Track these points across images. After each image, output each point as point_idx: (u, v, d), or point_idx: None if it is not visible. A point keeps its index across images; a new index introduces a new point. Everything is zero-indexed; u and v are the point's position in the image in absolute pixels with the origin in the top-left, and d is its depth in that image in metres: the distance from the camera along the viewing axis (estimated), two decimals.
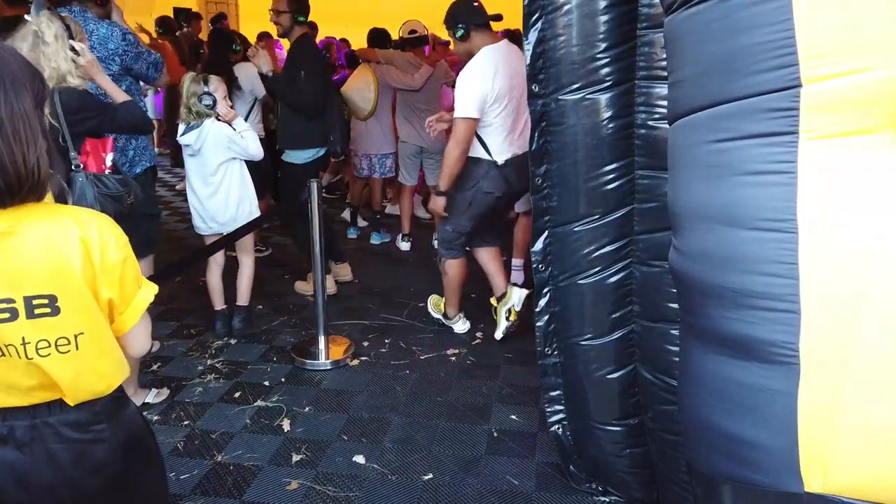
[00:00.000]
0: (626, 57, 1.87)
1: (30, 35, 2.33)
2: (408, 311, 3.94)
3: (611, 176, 1.97)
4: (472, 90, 3.09)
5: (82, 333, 1.18)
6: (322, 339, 3.32)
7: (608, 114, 1.92)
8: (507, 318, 3.52)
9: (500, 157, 3.24)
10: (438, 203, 3.33)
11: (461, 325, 3.68)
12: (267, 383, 3.10)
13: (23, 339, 1.13)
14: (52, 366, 1.16)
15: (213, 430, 2.71)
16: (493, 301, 3.63)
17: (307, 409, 2.89)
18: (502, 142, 3.24)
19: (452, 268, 3.51)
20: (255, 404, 2.91)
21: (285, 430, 2.72)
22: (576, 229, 2.05)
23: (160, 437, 2.63)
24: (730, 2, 1.03)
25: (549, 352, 2.24)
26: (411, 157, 4.95)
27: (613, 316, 2.08)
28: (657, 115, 1.87)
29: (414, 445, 2.63)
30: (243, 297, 3.61)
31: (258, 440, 2.64)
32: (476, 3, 3.22)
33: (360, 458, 2.54)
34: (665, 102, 1.79)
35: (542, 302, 2.19)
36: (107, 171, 2.45)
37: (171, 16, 6.92)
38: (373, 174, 5.19)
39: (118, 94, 2.57)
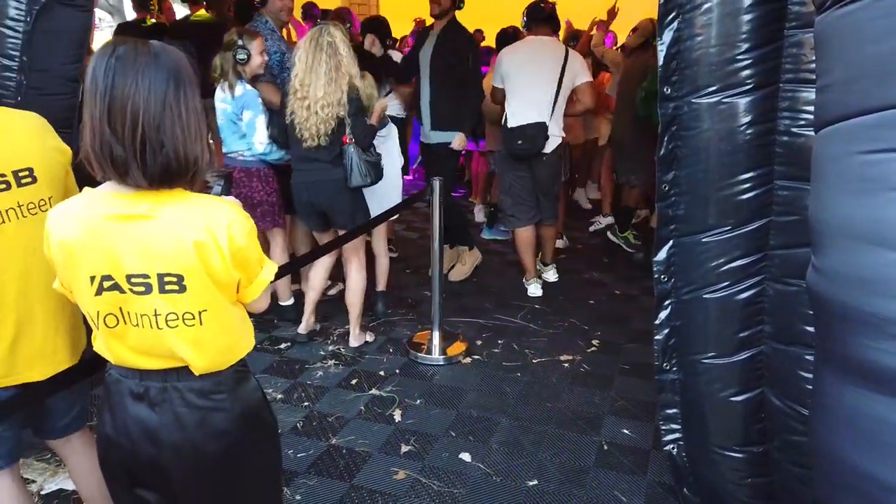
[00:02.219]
0: (770, 58, 1.74)
1: (326, 46, 3.02)
2: (523, 314, 3.91)
3: (746, 185, 1.85)
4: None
5: (205, 311, 1.29)
6: (437, 335, 3.38)
7: (747, 119, 1.80)
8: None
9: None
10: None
11: (534, 288, 4.21)
12: (382, 373, 3.20)
13: (155, 311, 1.27)
14: (178, 337, 1.28)
15: (330, 413, 2.84)
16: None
17: (419, 401, 2.95)
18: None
19: (517, 236, 4.16)
20: (370, 392, 3.02)
21: (396, 421, 2.79)
22: (704, 240, 1.94)
23: (282, 416, 2.79)
24: (889, 0, 0.93)
25: (668, 367, 2.13)
26: None
27: (741, 335, 1.95)
28: (802, 122, 1.73)
29: (520, 449, 2.61)
30: (382, 283, 3.82)
31: (370, 427, 2.74)
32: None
33: (465, 456, 2.56)
34: (812, 108, 1.64)
35: (663, 314, 2.09)
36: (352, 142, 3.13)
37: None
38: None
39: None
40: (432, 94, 4.16)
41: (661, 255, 2.04)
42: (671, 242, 2.02)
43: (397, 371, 3.22)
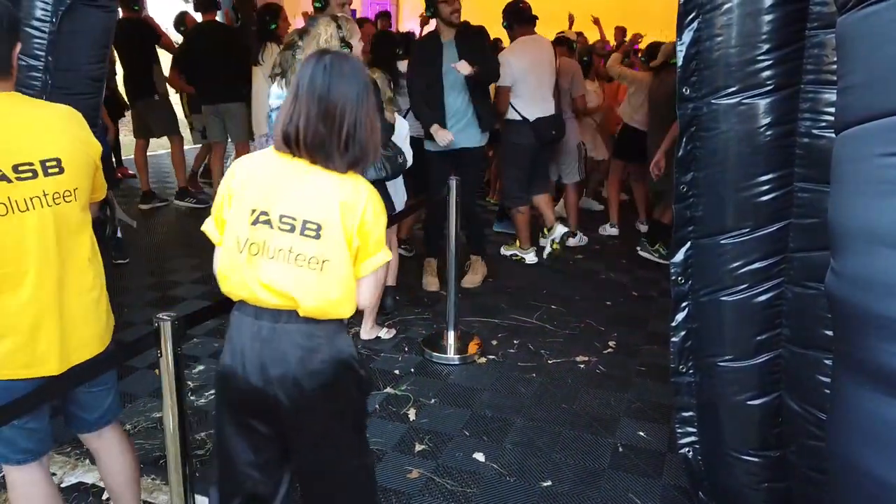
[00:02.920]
0: (791, 59, 1.72)
1: (313, 39, 2.99)
2: (539, 314, 3.91)
3: (766, 187, 1.83)
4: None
5: (328, 261, 1.55)
6: (451, 335, 3.39)
7: (767, 120, 1.78)
8: (550, 247, 4.77)
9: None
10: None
11: (532, 256, 4.78)
12: (397, 372, 3.21)
13: (291, 248, 1.54)
14: (300, 276, 1.54)
15: None
16: (543, 231, 4.87)
17: (433, 400, 2.96)
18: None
19: (520, 214, 4.68)
20: (385, 391, 3.03)
21: (411, 419, 2.80)
22: (722, 242, 1.92)
23: None
24: None
25: (684, 370, 2.12)
26: None
27: (759, 338, 1.93)
28: (823, 124, 1.71)
29: (534, 450, 2.61)
30: (391, 279, 3.83)
31: (385, 426, 2.75)
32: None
33: (479, 456, 2.56)
34: (834, 110, 1.62)
35: (680, 316, 2.07)
36: None
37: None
38: None
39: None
40: (474, 100, 4.07)
41: (679, 256, 2.02)
42: (689, 244, 2.00)
43: (412, 370, 3.23)
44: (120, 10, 5.67)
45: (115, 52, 5.42)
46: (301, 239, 1.54)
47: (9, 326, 1.58)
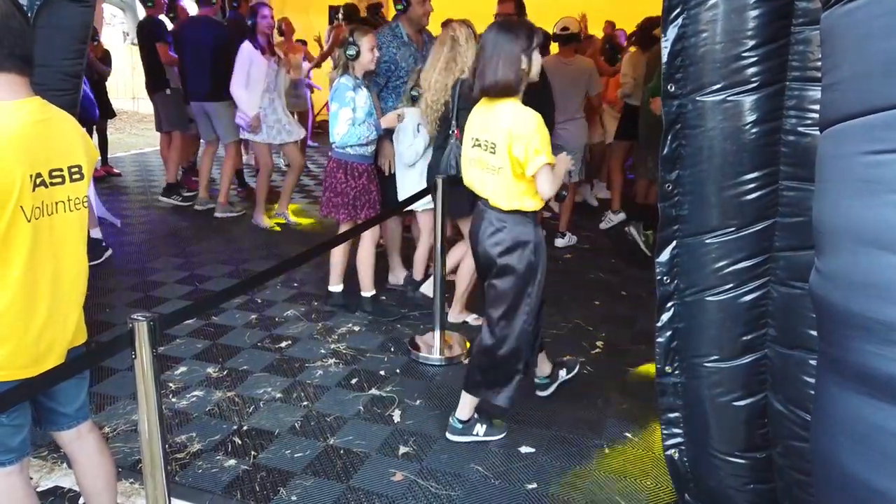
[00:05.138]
0: (777, 56, 1.70)
1: (448, 39, 3.39)
2: None
3: (751, 185, 1.81)
4: None
5: (502, 168, 2.35)
6: (437, 335, 3.35)
7: (752, 117, 1.76)
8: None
9: None
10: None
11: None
12: (383, 373, 3.17)
13: (488, 162, 2.39)
14: (490, 179, 2.40)
15: (329, 413, 2.82)
16: None
17: (418, 402, 2.92)
18: None
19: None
20: (370, 392, 2.99)
21: (395, 421, 2.77)
22: (707, 241, 1.91)
23: (280, 416, 2.78)
24: None
25: (670, 370, 2.10)
26: None
27: (745, 338, 1.91)
28: (809, 121, 1.69)
29: (520, 452, 2.58)
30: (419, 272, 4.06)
31: (369, 428, 2.71)
32: None
33: (464, 458, 2.53)
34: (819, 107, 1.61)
35: (665, 317, 2.05)
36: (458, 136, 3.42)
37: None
38: None
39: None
40: None
41: (664, 256, 2.00)
42: (674, 243, 1.98)
43: (398, 371, 3.20)
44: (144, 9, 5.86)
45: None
46: (489, 156, 2.37)
47: (19, 329, 1.58)
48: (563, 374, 3.03)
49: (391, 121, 3.62)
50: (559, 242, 5.10)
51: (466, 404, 2.61)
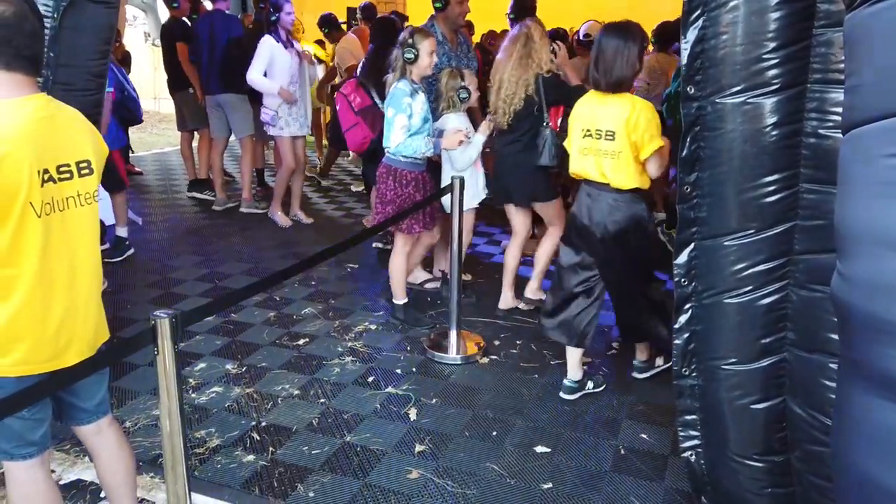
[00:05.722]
0: (798, 58, 1.69)
1: (522, 36, 3.45)
2: None
3: (771, 188, 1.80)
4: None
5: (621, 153, 2.66)
6: (454, 334, 3.36)
7: (772, 119, 1.75)
8: None
9: None
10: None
11: None
12: (399, 371, 3.19)
13: (602, 150, 2.70)
14: (607, 163, 2.70)
15: (346, 410, 2.84)
16: None
17: (434, 401, 2.94)
18: None
19: None
20: (386, 390, 3.01)
21: (411, 419, 2.78)
22: (726, 243, 1.90)
23: (298, 413, 2.80)
24: None
25: (687, 372, 2.09)
26: None
27: (763, 341, 1.90)
28: (830, 124, 1.68)
29: (535, 452, 2.59)
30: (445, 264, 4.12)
31: (385, 426, 2.73)
32: None
33: (480, 457, 2.54)
34: (841, 109, 1.60)
35: (683, 319, 2.05)
36: (556, 129, 3.56)
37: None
38: None
39: (574, 79, 3.66)
40: None
41: (682, 258, 2.00)
42: (692, 245, 1.98)
43: (414, 369, 3.22)
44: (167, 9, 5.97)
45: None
46: (605, 143, 2.68)
47: (38, 324, 1.61)
48: (659, 361, 3.17)
49: (453, 143, 3.55)
50: None
51: (576, 366, 2.98)
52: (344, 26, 7.42)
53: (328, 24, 6.82)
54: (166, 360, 1.73)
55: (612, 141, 2.65)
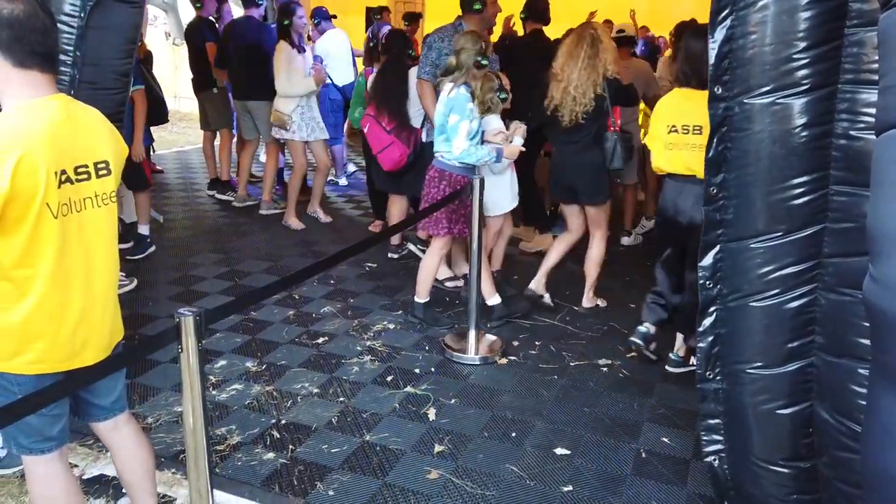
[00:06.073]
0: (829, 58, 1.66)
1: (588, 37, 3.51)
2: (561, 315, 3.86)
3: (800, 190, 1.77)
4: None
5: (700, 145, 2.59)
6: (473, 334, 3.36)
7: (802, 120, 1.73)
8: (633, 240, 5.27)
9: None
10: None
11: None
12: (418, 371, 3.19)
13: (695, 143, 2.82)
14: (690, 159, 2.86)
15: (365, 409, 2.84)
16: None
17: (453, 401, 2.93)
18: None
19: None
20: (405, 390, 3.01)
21: (430, 419, 2.78)
22: (752, 246, 1.87)
23: (317, 411, 2.81)
24: None
25: (711, 376, 2.07)
26: None
27: (790, 345, 1.87)
28: (862, 125, 1.65)
29: (555, 454, 2.57)
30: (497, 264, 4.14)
31: (404, 425, 2.73)
32: None
33: (499, 458, 2.53)
34: (873, 110, 1.57)
35: (707, 322, 2.02)
36: (616, 129, 3.60)
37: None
38: None
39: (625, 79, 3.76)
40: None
41: (707, 260, 1.98)
42: (718, 248, 1.95)
43: (433, 369, 3.21)
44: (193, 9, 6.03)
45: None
46: (692, 137, 2.83)
47: (54, 323, 1.62)
48: (693, 361, 3.15)
49: (515, 153, 3.57)
50: (625, 241, 5.20)
51: (682, 346, 3.20)
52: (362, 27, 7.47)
53: (320, 17, 6.80)
54: (190, 358, 1.75)
55: (699, 135, 2.77)
